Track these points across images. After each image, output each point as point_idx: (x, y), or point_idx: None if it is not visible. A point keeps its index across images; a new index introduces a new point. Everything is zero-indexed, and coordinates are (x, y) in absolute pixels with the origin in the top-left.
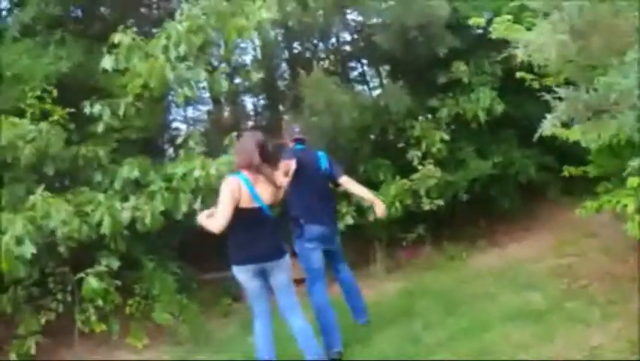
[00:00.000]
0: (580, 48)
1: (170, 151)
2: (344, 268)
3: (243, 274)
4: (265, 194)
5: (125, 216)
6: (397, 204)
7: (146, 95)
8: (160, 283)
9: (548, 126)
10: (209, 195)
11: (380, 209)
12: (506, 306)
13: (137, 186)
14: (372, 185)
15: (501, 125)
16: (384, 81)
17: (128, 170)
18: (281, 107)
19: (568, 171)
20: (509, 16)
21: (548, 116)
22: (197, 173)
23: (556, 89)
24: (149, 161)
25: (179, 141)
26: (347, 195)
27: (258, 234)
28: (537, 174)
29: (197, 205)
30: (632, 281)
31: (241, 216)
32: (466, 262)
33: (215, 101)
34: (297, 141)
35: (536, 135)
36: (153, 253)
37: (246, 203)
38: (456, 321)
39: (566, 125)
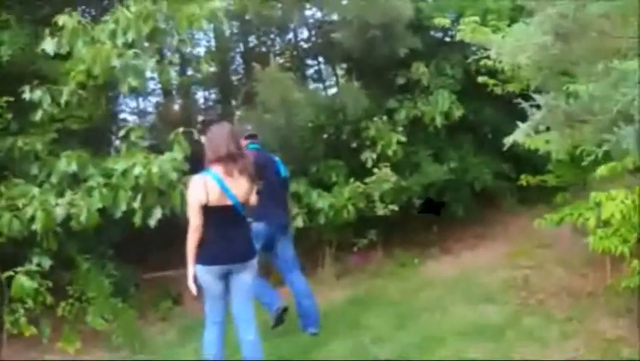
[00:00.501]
0: (562, 52)
1: (117, 145)
2: (299, 277)
3: (208, 276)
4: (238, 190)
5: (60, 212)
6: (350, 207)
7: (91, 84)
8: (95, 285)
9: (522, 134)
10: (150, 193)
11: None
12: (460, 320)
13: (76, 180)
14: (325, 186)
15: (458, 130)
16: (341, 80)
17: (66, 163)
18: (233, 103)
19: (525, 179)
20: (476, 18)
21: (521, 123)
22: (137, 170)
23: (534, 95)
24: (88, 154)
25: (121, 134)
26: (298, 197)
27: (229, 233)
28: (493, 182)
29: (136, 204)
30: (591, 297)
31: (210, 215)
32: (417, 270)
33: (166, 93)
34: (250, 138)
35: (508, 142)
36: (89, 253)
37: (216, 201)
38: (407, 335)
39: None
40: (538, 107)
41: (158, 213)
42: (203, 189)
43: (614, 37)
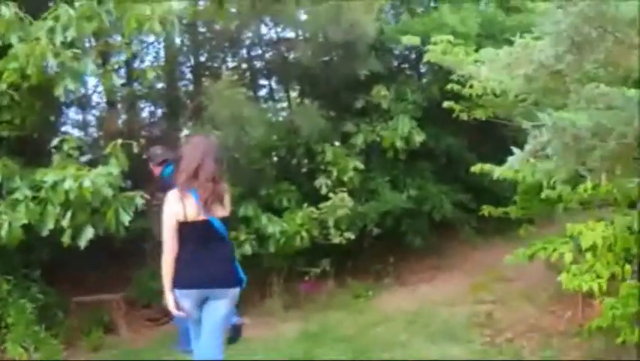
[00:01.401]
0: (570, 66)
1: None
2: None
3: (186, 301)
4: (215, 205)
5: None
6: (304, 233)
7: (24, 85)
8: (15, 310)
9: (517, 160)
10: (81, 210)
11: None
12: (422, 358)
13: (0, 193)
14: (275, 211)
15: (417, 157)
16: (297, 100)
17: None
18: (181, 119)
19: (487, 210)
20: (449, 37)
21: (516, 149)
22: (67, 184)
23: (540, 115)
24: (18, 165)
25: (53, 144)
26: (247, 221)
27: (207, 253)
28: (452, 212)
29: (65, 222)
30: (563, 337)
31: (187, 233)
32: (372, 302)
33: (110, 105)
34: (166, 162)
35: (476, 170)
36: (11, 273)
37: (192, 216)
38: None
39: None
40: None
41: (89, 233)
42: (180, 203)
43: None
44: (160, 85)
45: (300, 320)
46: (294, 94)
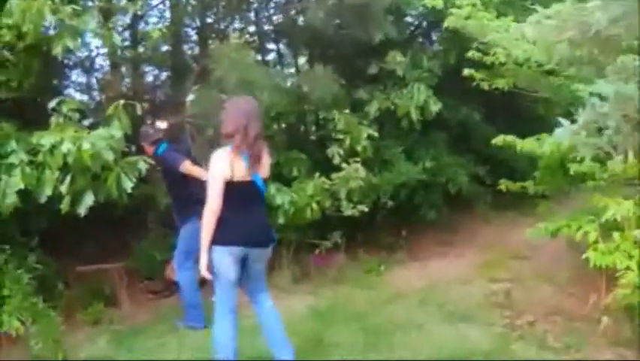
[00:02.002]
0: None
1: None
2: None
3: (226, 258)
4: (261, 166)
5: None
6: (314, 205)
7: (20, 45)
8: (11, 281)
9: (567, 134)
10: (80, 176)
11: None
12: (439, 341)
13: None
14: (285, 181)
15: (431, 127)
16: (307, 65)
17: None
18: (186, 82)
19: (505, 185)
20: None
21: (564, 120)
22: (65, 147)
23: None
24: (12, 128)
25: (51, 105)
26: None
27: (250, 213)
28: (469, 185)
29: (64, 188)
30: (587, 321)
31: (232, 192)
32: (384, 278)
33: (114, 66)
34: (159, 141)
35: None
36: (7, 242)
37: (240, 176)
38: (380, 357)
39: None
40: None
41: (89, 200)
42: (229, 163)
43: None
44: (165, 47)
45: (309, 295)
46: (303, 59)
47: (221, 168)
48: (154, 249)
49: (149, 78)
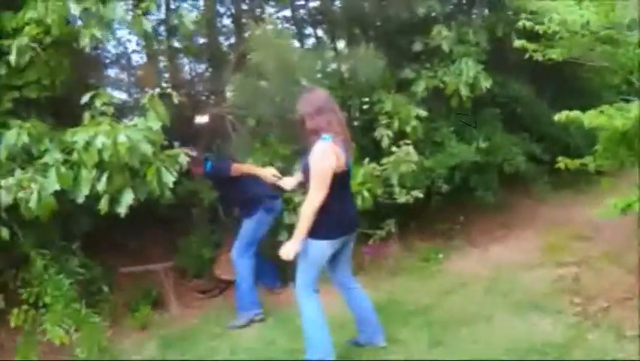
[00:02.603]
0: None
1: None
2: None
3: (329, 250)
4: (351, 153)
5: (4, 196)
6: (366, 193)
7: (48, 40)
8: (52, 287)
9: None
10: (118, 173)
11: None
12: (510, 334)
13: (30, 158)
14: None
15: (482, 104)
16: (348, 46)
17: (16, 135)
18: (224, 71)
19: (563, 163)
20: None
21: None
22: (100, 141)
23: None
24: (46, 127)
25: (84, 100)
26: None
27: (347, 201)
28: (526, 165)
29: (100, 186)
30: None
31: (335, 183)
32: (442, 266)
33: (150, 58)
34: (205, 160)
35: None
36: (47, 247)
37: (341, 167)
38: (447, 355)
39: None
40: None
41: (129, 198)
42: (334, 154)
43: None
44: (200, 37)
45: (365, 288)
46: (342, 42)
47: (331, 162)
48: (201, 247)
49: (186, 70)
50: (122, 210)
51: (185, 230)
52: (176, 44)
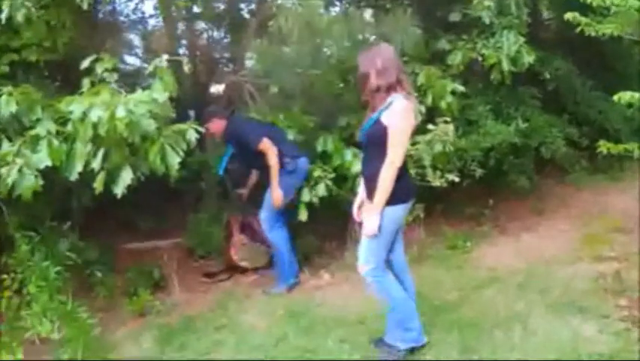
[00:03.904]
0: None
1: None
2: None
3: (402, 215)
4: None
5: None
6: None
7: None
8: (37, 277)
9: None
10: (116, 148)
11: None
12: (550, 342)
13: (22, 128)
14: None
15: (520, 82)
16: (380, 12)
17: (5, 103)
18: (244, 36)
19: (605, 147)
20: None
21: None
22: (95, 114)
23: None
24: (39, 93)
25: (84, 65)
26: (326, 157)
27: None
28: (565, 149)
29: (96, 163)
30: None
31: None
32: (471, 256)
33: (165, 22)
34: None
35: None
36: (36, 227)
37: (414, 126)
38: None
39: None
40: None
41: (127, 177)
42: (413, 113)
43: None
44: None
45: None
46: (371, 9)
47: (411, 121)
48: (210, 223)
49: (204, 36)
50: (119, 190)
51: (196, 206)
52: (195, 9)
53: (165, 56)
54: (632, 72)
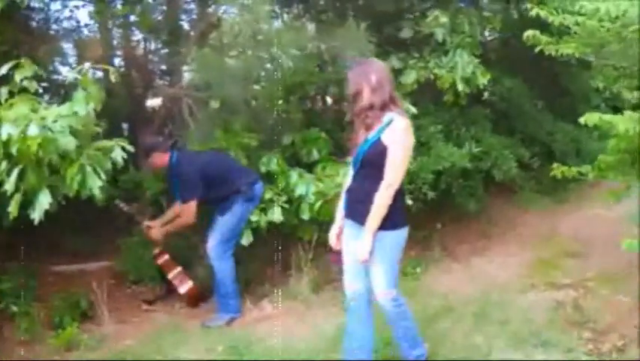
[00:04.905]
0: None
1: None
2: None
3: (406, 236)
4: None
5: None
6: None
7: None
8: None
9: None
10: (33, 168)
11: None
12: None
13: None
14: (305, 166)
15: (471, 103)
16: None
17: None
18: (184, 46)
19: (559, 171)
20: None
21: None
22: (5, 131)
23: None
24: None
25: (1, 72)
26: (270, 177)
27: None
28: (516, 171)
29: (9, 185)
30: None
31: None
32: (422, 283)
33: (100, 30)
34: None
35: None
36: None
37: None
38: None
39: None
40: None
41: (44, 201)
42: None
43: None
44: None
45: (334, 307)
46: (319, 22)
47: (412, 140)
48: (144, 247)
49: (140, 46)
50: (37, 215)
51: (128, 226)
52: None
53: (87, 64)
54: (580, 94)
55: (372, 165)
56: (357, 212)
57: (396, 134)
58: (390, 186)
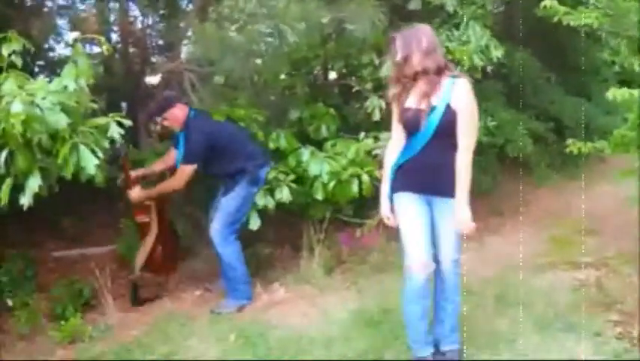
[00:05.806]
0: None
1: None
2: None
3: None
4: None
5: None
6: (365, 177)
7: None
8: None
9: None
10: (22, 149)
11: None
12: None
13: None
14: (314, 143)
15: (483, 77)
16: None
17: None
18: (182, 19)
19: (575, 147)
20: None
21: None
22: None
23: None
24: None
25: None
26: (280, 155)
27: None
28: (532, 147)
29: None
30: None
31: None
32: None
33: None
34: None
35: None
36: None
37: None
38: None
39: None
40: None
41: (34, 184)
42: None
43: None
44: None
45: (347, 291)
46: None
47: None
48: None
49: (139, 20)
50: (26, 200)
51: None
52: None
53: (77, 33)
54: (589, 67)
55: (446, 134)
56: (440, 184)
57: (465, 98)
58: (469, 149)
